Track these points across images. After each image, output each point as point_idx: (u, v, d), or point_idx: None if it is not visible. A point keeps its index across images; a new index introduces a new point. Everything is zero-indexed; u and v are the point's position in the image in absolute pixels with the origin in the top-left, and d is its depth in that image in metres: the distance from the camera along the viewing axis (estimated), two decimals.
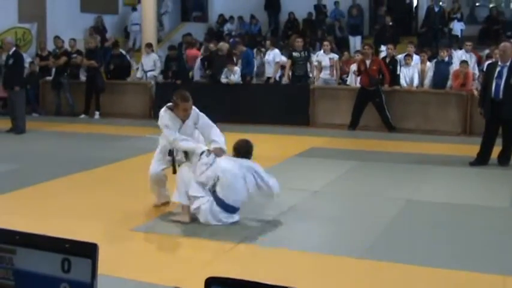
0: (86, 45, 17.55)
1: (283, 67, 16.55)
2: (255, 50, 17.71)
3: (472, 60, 15.45)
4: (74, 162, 10.53)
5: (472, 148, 10.81)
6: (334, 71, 15.97)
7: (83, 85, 17.27)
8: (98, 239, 2.57)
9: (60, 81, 17.49)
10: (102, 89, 17.20)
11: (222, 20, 23.85)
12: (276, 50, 16.93)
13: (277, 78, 16.61)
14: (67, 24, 20.21)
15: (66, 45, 17.88)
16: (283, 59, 16.67)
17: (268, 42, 17.41)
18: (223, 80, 16.18)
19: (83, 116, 17.10)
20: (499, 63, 10.43)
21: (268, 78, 16.70)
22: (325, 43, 16.50)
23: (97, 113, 17.11)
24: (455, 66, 14.99)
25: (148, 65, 17.56)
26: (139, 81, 17.71)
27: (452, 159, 10.96)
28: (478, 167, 10.31)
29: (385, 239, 6.62)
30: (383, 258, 5.96)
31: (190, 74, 17.86)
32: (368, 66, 14.39)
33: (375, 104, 14.44)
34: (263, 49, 17.51)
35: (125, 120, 16.17)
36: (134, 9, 22.92)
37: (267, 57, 16.80)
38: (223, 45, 17.01)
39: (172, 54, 17.29)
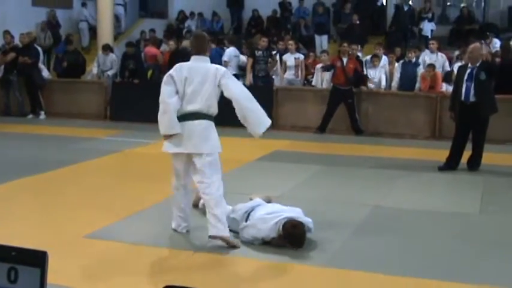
0: (21, 41, 16.63)
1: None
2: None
3: (439, 60, 14.91)
4: (24, 166, 10.08)
5: (441, 152, 10.69)
6: (299, 72, 15.43)
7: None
8: (48, 246, 2.59)
9: (9, 79, 16.56)
10: (41, 86, 16.51)
11: (183, 16, 23.20)
12: (232, 48, 16.39)
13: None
14: (18, 18, 19.37)
15: (17, 41, 16.99)
16: (243, 58, 16.03)
17: (225, 41, 16.72)
18: None
19: (30, 116, 16.38)
20: (469, 65, 10.14)
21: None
22: (290, 42, 16.00)
23: (42, 112, 16.38)
24: (422, 67, 14.53)
25: (106, 65, 16.81)
26: (94, 79, 16.96)
27: (420, 164, 10.85)
28: (447, 171, 10.16)
29: (351, 246, 6.41)
30: (348, 266, 5.77)
31: (149, 73, 17.06)
32: (345, 64, 14.00)
33: (347, 105, 14.14)
34: (225, 47, 16.82)
35: (79, 121, 15.57)
36: (84, 4, 22.19)
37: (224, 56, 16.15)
38: (186, 42, 16.34)
39: (129, 52, 16.63)
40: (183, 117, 6.27)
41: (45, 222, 7.01)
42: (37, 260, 1.64)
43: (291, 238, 5.99)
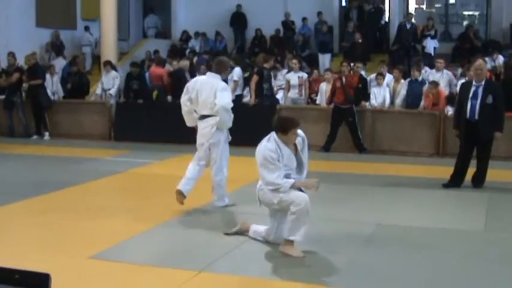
0: (26, 63, 16.67)
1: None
2: None
3: (444, 77, 14.89)
4: (29, 186, 10.06)
5: (445, 169, 10.67)
6: (303, 90, 15.42)
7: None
8: (52, 268, 2.65)
9: (12, 100, 16.61)
10: (47, 107, 16.55)
11: (186, 36, 23.21)
12: (238, 68, 16.41)
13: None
14: (21, 39, 19.44)
15: (21, 62, 17.05)
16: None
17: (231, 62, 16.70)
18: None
19: (35, 137, 16.42)
20: (474, 82, 10.05)
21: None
22: (294, 61, 15.99)
23: (46, 133, 16.44)
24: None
25: (109, 84, 16.83)
26: (98, 100, 16.98)
27: (425, 181, 10.83)
28: (451, 189, 10.12)
29: (357, 264, 6.34)
30: (353, 285, 5.76)
31: (155, 93, 17.08)
32: (344, 83, 14.03)
33: (348, 124, 14.12)
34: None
35: (83, 142, 15.61)
36: (87, 28, 22.28)
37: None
38: (183, 63, 16.38)
39: (134, 72, 16.57)
40: (200, 117, 8.42)
41: (49, 244, 6.95)
42: (40, 282, 1.62)
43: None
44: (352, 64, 14.67)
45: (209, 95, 8.17)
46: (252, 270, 6.17)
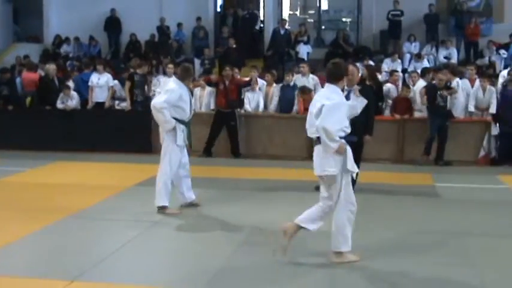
0: None
1: None
2: None
3: (310, 82, 15.06)
4: None
5: None
6: None
7: None
8: None
9: None
10: None
11: (59, 40, 22.65)
12: (109, 75, 16.21)
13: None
14: None
15: None
16: (117, 83, 15.91)
17: (100, 67, 16.42)
18: (60, 105, 15.25)
19: None
20: (346, 87, 10.22)
21: (98, 103, 15.90)
22: (170, 66, 15.90)
23: None
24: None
25: None
26: None
27: (298, 184, 10.98)
28: None
29: (224, 269, 6.35)
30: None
31: (28, 99, 16.56)
32: (227, 86, 14.12)
33: (229, 128, 14.18)
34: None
35: None
36: None
37: (96, 80, 15.97)
38: (49, 68, 15.98)
39: (3, 78, 16.01)
40: None
41: None
42: None
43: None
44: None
45: None
46: (126, 278, 6.12)
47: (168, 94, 8.64)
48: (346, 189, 6.49)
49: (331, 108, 6.36)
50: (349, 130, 6.53)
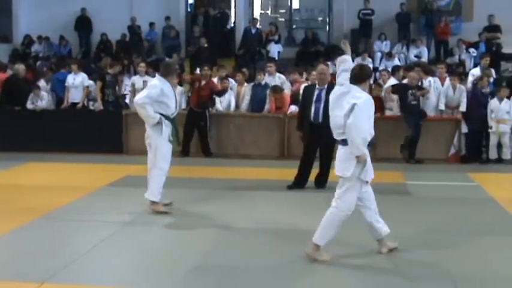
0: None
1: None
2: None
3: (276, 82, 15.08)
4: None
5: (289, 171, 10.83)
6: None
7: None
8: None
9: None
10: None
11: (29, 40, 22.44)
12: (84, 74, 16.08)
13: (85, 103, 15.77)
14: None
15: None
16: (92, 83, 15.81)
17: (74, 67, 16.30)
18: (30, 106, 15.13)
19: None
20: (317, 86, 10.31)
21: (74, 103, 15.76)
22: (142, 65, 15.82)
23: None
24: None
25: None
26: None
27: (270, 183, 11.04)
28: (295, 190, 10.37)
29: (197, 270, 6.35)
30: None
31: None
32: (201, 86, 14.13)
33: (199, 128, 14.16)
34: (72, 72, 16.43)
35: None
36: None
37: (72, 81, 15.85)
38: (19, 68, 15.84)
39: None
40: None
41: None
42: None
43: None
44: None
45: None
46: (96, 279, 6.09)
47: (150, 89, 8.80)
48: (352, 194, 6.56)
49: (362, 107, 6.47)
50: (373, 133, 6.65)
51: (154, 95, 8.66)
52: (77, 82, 15.77)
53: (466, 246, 7.25)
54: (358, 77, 6.59)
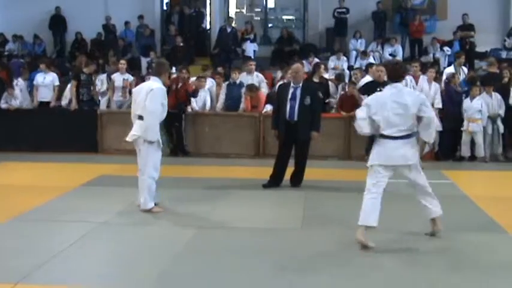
0: None
1: None
2: None
3: (254, 80, 15.08)
4: None
5: (265, 170, 10.84)
6: (127, 93, 15.18)
7: None
8: None
9: None
10: None
11: (3, 39, 22.24)
12: (54, 74, 16.00)
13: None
14: None
15: None
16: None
17: (43, 65, 16.19)
18: (3, 105, 15.07)
19: None
20: (292, 84, 10.35)
21: (43, 102, 15.70)
22: (122, 62, 15.78)
23: None
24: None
25: None
26: None
27: (246, 182, 11.03)
28: (271, 189, 10.38)
29: (172, 270, 6.39)
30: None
31: None
32: (179, 88, 14.05)
33: (174, 128, 14.06)
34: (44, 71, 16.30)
35: None
36: None
37: (42, 80, 15.77)
38: None
39: None
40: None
41: None
42: None
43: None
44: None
45: (142, 100, 8.50)
46: (70, 279, 6.06)
47: (159, 95, 8.56)
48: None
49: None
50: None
51: (164, 100, 8.65)
52: (47, 81, 15.68)
53: (444, 243, 7.36)
54: (397, 72, 7.34)
